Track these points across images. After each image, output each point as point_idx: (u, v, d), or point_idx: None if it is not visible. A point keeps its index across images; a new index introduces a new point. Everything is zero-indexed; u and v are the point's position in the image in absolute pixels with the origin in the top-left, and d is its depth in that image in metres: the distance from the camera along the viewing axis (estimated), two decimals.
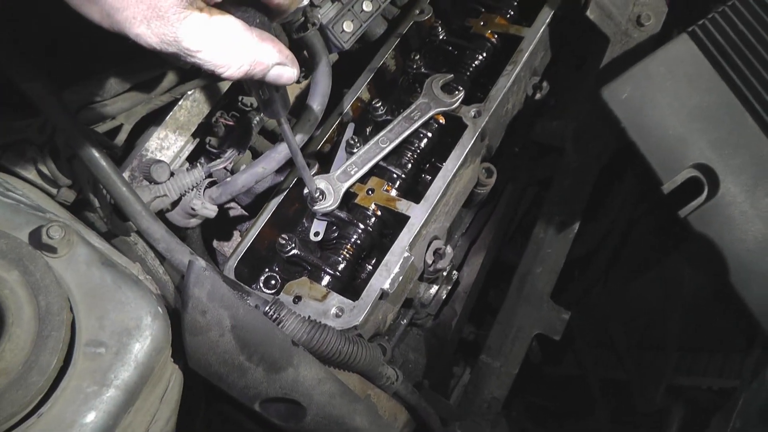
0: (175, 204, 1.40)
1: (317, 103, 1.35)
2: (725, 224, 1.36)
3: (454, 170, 1.43)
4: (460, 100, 1.50)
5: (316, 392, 1.19)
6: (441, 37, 1.68)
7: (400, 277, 1.35)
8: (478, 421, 1.75)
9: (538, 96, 1.65)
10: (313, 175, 1.39)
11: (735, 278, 1.32)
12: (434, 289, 1.74)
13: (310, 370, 1.18)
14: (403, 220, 1.40)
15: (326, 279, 1.39)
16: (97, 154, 1.22)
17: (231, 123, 1.44)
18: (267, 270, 1.46)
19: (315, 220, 1.49)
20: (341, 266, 1.40)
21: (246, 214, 1.77)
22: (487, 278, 1.97)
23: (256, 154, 1.57)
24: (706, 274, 1.58)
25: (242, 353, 1.13)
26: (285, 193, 1.50)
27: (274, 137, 1.64)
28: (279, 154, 1.34)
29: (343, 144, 1.53)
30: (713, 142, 1.39)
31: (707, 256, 1.38)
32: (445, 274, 1.76)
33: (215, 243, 1.77)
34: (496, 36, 1.65)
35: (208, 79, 1.46)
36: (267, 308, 1.23)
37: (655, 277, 1.91)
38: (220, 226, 1.78)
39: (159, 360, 1.09)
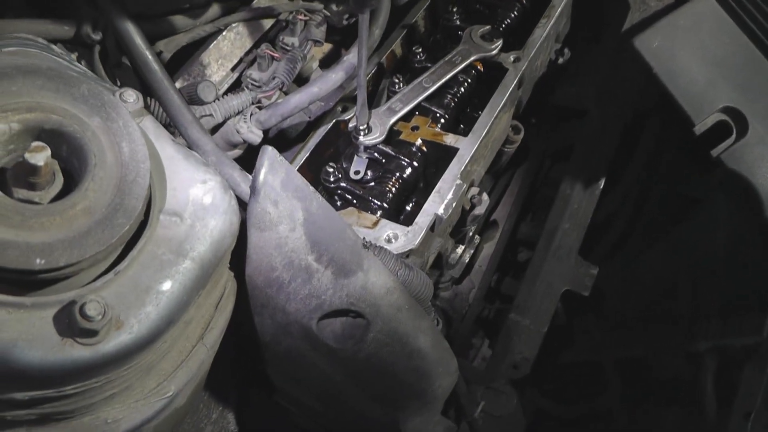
0: (217, 129, 1.34)
1: (377, 27, 1.38)
2: (756, 161, 1.44)
3: (499, 107, 1.45)
4: (499, 47, 1.55)
5: (384, 303, 1.11)
6: None
7: (453, 204, 1.32)
8: (502, 388, 1.69)
9: (560, 61, 1.73)
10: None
11: None
12: (460, 249, 1.72)
13: (380, 277, 1.11)
14: (451, 153, 1.39)
15: (373, 210, 1.35)
16: (150, 57, 1.17)
17: (277, 55, 1.42)
18: None
19: (355, 158, 1.45)
20: (389, 197, 1.36)
21: None
22: (504, 253, 1.96)
23: None
24: (741, 213, 1.63)
25: (312, 252, 1.06)
26: (323, 134, 1.47)
27: None
28: (336, 74, 1.33)
29: (383, 89, 1.53)
30: (739, 86, 1.50)
31: (742, 193, 1.44)
32: (470, 234, 1.75)
33: None
34: None
35: (251, 13, 1.45)
36: None
37: (664, 248, 1.95)
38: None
39: (228, 247, 1.00)
